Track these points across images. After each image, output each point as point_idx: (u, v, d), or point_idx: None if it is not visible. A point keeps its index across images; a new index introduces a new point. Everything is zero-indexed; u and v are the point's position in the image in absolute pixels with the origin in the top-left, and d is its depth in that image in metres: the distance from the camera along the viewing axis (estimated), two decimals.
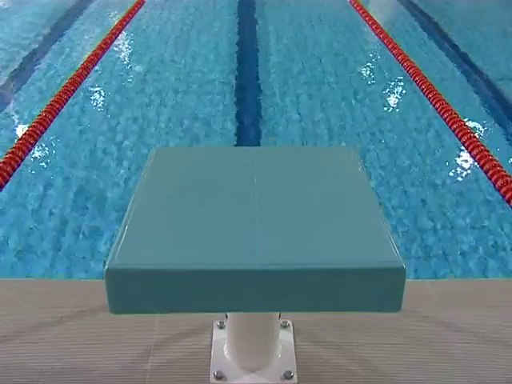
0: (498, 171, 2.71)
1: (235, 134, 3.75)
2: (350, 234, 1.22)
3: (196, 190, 1.36)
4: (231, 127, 3.83)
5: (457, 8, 7.43)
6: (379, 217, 1.28)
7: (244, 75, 4.78)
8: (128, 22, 5.14)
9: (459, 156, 3.60)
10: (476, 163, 2.91)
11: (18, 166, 2.81)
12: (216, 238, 1.19)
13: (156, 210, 1.30)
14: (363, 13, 5.36)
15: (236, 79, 4.64)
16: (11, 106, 4.33)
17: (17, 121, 4.12)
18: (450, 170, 3.52)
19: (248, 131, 3.84)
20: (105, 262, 1.11)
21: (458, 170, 3.53)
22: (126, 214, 1.25)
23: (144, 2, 5.90)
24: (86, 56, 4.27)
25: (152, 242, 1.19)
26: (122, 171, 3.38)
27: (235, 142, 3.64)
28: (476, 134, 3.37)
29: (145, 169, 1.47)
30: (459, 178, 3.44)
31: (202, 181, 1.41)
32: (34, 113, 3.72)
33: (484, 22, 7.00)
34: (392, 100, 4.51)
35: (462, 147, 3.14)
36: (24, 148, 2.92)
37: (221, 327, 1.74)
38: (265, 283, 1.13)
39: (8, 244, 2.80)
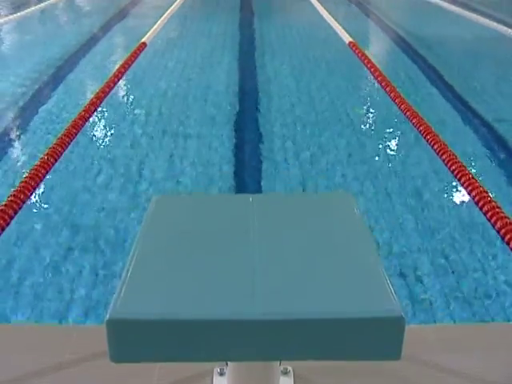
0: (497, 213, 2.72)
1: (234, 178, 3.77)
2: (348, 281, 1.23)
3: (196, 239, 1.38)
4: (230, 171, 3.85)
5: (454, 50, 7.56)
6: (378, 264, 1.29)
7: (244, 118, 4.83)
8: (130, 66, 5.23)
9: (458, 197, 3.62)
10: (475, 204, 2.92)
11: (20, 208, 2.82)
12: (216, 287, 1.20)
13: (157, 259, 1.31)
14: (362, 55, 5.46)
15: (236, 123, 4.68)
16: (13, 149, 4.36)
17: (19, 164, 4.13)
18: (449, 211, 3.53)
19: (247, 175, 3.86)
20: (106, 310, 1.12)
21: (457, 211, 3.54)
22: (127, 262, 1.27)
23: (145, 46, 6.00)
24: (89, 99, 4.33)
25: (153, 291, 1.20)
26: (122, 217, 3.36)
27: (234, 185, 3.66)
28: (475, 176, 3.40)
29: (145, 217, 1.49)
30: (458, 219, 3.44)
31: (201, 229, 1.42)
32: (36, 156, 3.77)
33: (480, 63, 7.12)
34: (390, 142, 4.55)
35: (461, 188, 3.15)
36: (26, 191, 2.94)
37: (221, 374, 1.73)
38: (264, 333, 1.13)
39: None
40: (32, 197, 3.12)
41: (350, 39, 6.30)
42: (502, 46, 7.89)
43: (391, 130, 4.71)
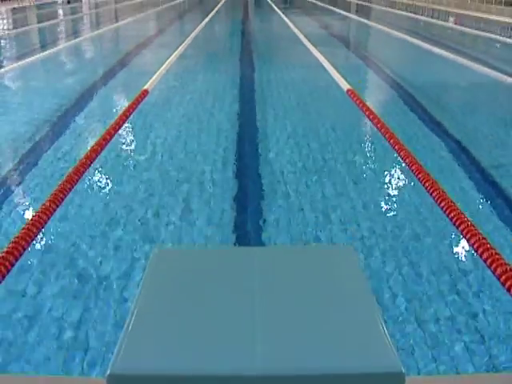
0: (497, 259, 2.72)
1: (234, 231, 3.76)
2: (349, 337, 1.23)
3: (197, 293, 1.38)
4: (230, 222, 3.84)
5: (451, 96, 7.69)
6: (378, 319, 1.29)
7: (243, 169, 4.85)
8: (131, 113, 5.30)
9: (457, 244, 3.62)
10: (474, 252, 2.92)
11: (21, 255, 2.82)
12: (216, 342, 1.20)
13: (158, 314, 1.32)
14: (360, 103, 5.54)
15: (236, 174, 4.70)
16: (14, 196, 4.38)
17: (20, 210, 4.14)
18: (449, 258, 3.53)
19: (248, 227, 3.85)
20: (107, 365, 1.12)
21: (457, 257, 3.54)
22: (129, 316, 1.27)
23: (147, 93, 6.10)
24: (90, 146, 4.37)
25: (154, 346, 1.20)
26: (121, 269, 3.34)
27: (234, 237, 3.66)
28: (474, 223, 3.41)
29: (146, 271, 1.49)
30: (458, 267, 3.43)
31: (202, 283, 1.43)
32: (38, 203, 3.79)
33: (477, 109, 7.23)
34: (389, 189, 4.56)
35: (461, 236, 3.16)
36: (27, 238, 2.95)
37: None
38: None
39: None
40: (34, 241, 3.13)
41: (349, 86, 6.42)
42: (499, 93, 8.03)
43: (390, 176, 4.74)
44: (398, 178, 4.70)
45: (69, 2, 36.48)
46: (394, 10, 25.65)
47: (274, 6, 26.73)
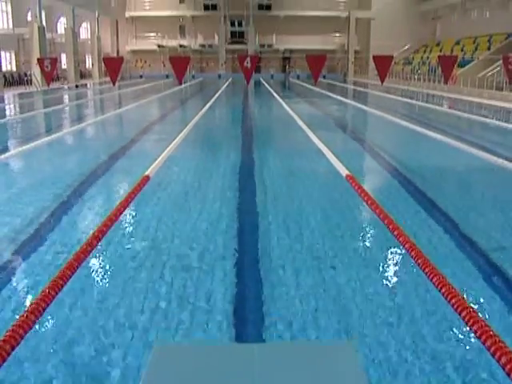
0: (501, 347, 2.68)
1: (233, 316, 3.72)
2: None
3: None
4: (229, 309, 3.80)
5: (449, 181, 7.80)
6: None
7: (243, 253, 4.86)
8: (133, 199, 5.36)
9: (459, 332, 3.57)
10: (477, 340, 2.88)
11: (18, 344, 2.79)
12: None
13: None
14: (358, 188, 5.62)
15: (236, 258, 4.70)
16: (13, 280, 4.36)
17: (18, 298, 4.11)
18: (451, 348, 3.47)
19: (247, 314, 3.82)
20: None
21: (460, 346, 3.48)
22: None
23: (148, 179, 6.19)
24: (91, 232, 4.40)
25: None
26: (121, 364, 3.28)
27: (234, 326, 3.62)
28: (475, 309, 3.38)
29: (146, 368, 1.48)
30: (460, 356, 3.37)
31: (203, 381, 1.41)
32: (36, 290, 3.77)
33: (476, 193, 7.32)
34: (389, 275, 4.54)
35: (462, 322, 3.12)
36: (25, 326, 2.92)
37: None
38: None
39: None
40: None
41: (347, 172, 6.52)
42: (497, 177, 8.14)
43: (390, 262, 4.74)
44: (397, 264, 4.70)
45: (77, 87, 37.85)
46: (390, 95, 26.41)
47: (273, 92, 27.55)
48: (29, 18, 38.74)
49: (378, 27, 53.70)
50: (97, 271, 4.52)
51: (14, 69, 43.71)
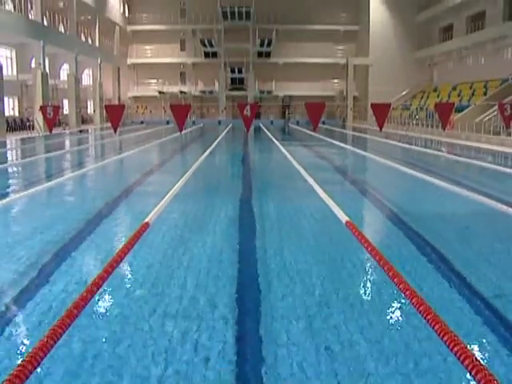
0: None
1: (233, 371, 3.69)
2: None
3: None
4: (230, 369, 3.76)
5: (449, 227, 7.80)
6: None
7: (244, 307, 4.82)
8: (133, 246, 5.37)
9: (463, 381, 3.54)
10: None
11: None
12: None
13: None
14: (359, 235, 5.63)
15: (236, 315, 4.67)
16: (11, 328, 4.32)
17: (16, 346, 4.08)
18: None
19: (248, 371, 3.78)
20: None
21: None
22: None
23: (148, 226, 6.21)
24: (91, 279, 4.39)
25: None
26: None
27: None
28: (478, 357, 3.35)
29: None
30: None
31: None
32: (35, 337, 3.74)
33: (476, 238, 7.32)
34: (390, 323, 4.51)
35: (465, 371, 3.09)
36: (22, 376, 2.89)
37: None
38: None
39: None
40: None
41: (347, 218, 6.55)
42: (495, 221, 8.16)
43: (391, 310, 4.71)
44: (399, 311, 4.67)
45: (81, 131, 38.44)
46: (389, 141, 26.65)
47: (273, 138, 27.81)
48: (33, 65, 39.43)
49: (376, 73, 54.65)
50: (96, 319, 4.51)
51: (17, 114, 44.29)
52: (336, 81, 61.76)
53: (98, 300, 4.78)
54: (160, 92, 58.81)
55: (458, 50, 47.57)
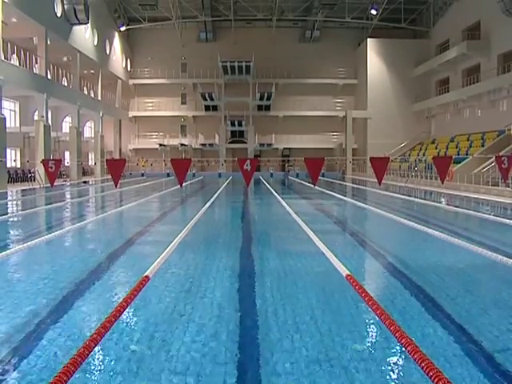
0: None
1: None
2: None
3: None
4: None
5: (450, 278, 7.77)
6: None
7: (244, 354, 4.80)
8: (132, 300, 5.33)
9: None
10: None
11: None
12: None
13: None
14: (359, 288, 5.60)
15: (236, 356, 4.65)
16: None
17: None
18: None
19: None
20: None
21: None
22: None
23: (148, 279, 6.18)
24: (90, 334, 4.34)
25: None
26: None
27: None
28: None
29: None
30: None
31: None
32: None
33: (476, 290, 7.29)
34: (392, 379, 4.45)
35: None
36: None
37: None
38: None
39: None
40: None
41: (347, 272, 6.53)
42: (495, 273, 8.13)
43: (392, 365, 4.66)
44: (401, 367, 4.61)
45: (85, 183, 38.74)
46: (388, 193, 26.78)
47: (273, 191, 27.94)
48: (35, 117, 40.01)
49: (374, 126, 55.40)
50: (95, 375, 4.45)
51: (19, 165, 44.65)
52: (335, 133, 62.50)
53: (96, 355, 4.73)
54: (161, 145, 59.42)
55: (454, 103, 48.37)
